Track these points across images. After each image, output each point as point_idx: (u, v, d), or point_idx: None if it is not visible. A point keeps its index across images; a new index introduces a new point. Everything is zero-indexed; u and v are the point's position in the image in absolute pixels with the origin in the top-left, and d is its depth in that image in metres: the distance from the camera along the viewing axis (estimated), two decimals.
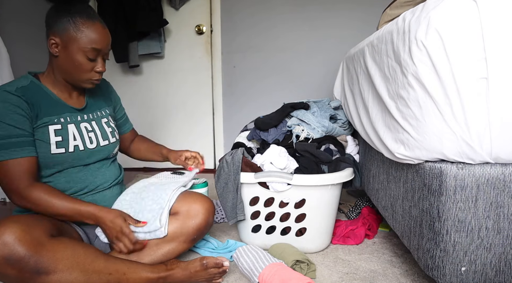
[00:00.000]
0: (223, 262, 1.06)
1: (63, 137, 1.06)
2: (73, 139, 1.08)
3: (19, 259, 0.83)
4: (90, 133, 1.13)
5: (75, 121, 1.10)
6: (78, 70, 1.04)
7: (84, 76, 1.06)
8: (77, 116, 1.12)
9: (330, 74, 2.42)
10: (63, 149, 1.05)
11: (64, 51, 1.02)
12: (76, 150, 1.08)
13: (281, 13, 2.49)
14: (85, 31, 1.01)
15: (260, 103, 2.60)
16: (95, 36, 1.02)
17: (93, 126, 1.15)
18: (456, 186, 0.81)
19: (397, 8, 1.29)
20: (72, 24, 1.00)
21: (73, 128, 1.09)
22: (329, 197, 1.28)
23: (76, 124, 1.10)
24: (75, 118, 1.11)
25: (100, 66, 1.07)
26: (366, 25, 2.22)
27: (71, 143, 1.07)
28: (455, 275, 0.85)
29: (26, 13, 2.19)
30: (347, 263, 1.25)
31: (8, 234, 0.83)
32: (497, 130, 0.75)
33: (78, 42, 1.01)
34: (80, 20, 1.01)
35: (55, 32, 1.01)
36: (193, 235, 1.15)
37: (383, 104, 1.02)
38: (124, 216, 1.07)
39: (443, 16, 0.76)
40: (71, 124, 1.09)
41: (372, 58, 1.13)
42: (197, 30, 2.62)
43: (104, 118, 1.21)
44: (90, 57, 1.03)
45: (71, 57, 1.02)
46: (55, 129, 1.05)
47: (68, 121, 1.09)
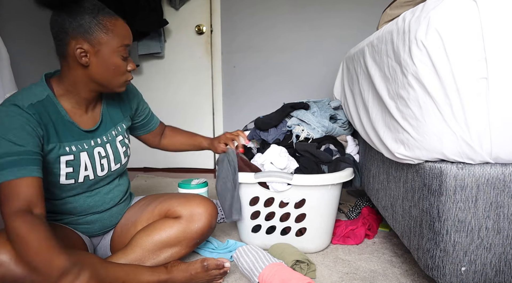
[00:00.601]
0: (224, 263, 1.06)
1: (74, 169, 0.98)
2: (84, 169, 1.00)
3: (15, 279, 0.80)
4: (103, 159, 1.05)
5: (87, 148, 1.02)
6: (115, 74, 0.95)
7: (122, 79, 0.97)
8: (90, 142, 1.02)
9: (330, 74, 2.42)
10: (72, 180, 0.99)
11: (97, 57, 0.91)
12: (85, 180, 1.02)
13: (281, 13, 2.49)
14: (115, 30, 0.92)
15: (260, 103, 2.60)
16: (124, 31, 0.94)
17: (107, 150, 1.07)
18: (456, 186, 0.81)
19: (397, 8, 1.29)
20: (100, 25, 0.90)
21: (85, 157, 1.01)
22: (329, 197, 1.28)
23: (88, 152, 1.02)
24: (88, 145, 1.02)
25: (132, 64, 0.99)
26: (366, 25, 2.22)
27: (81, 174, 1.00)
28: (455, 275, 0.85)
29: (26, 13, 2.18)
30: (347, 263, 1.25)
31: (3, 253, 0.80)
32: (497, 130, 0.75)
33: (111, 43, 0.91)
34: (104, 18, 0.90)
35: (81, 39, 0.89)
36: (196, 239, 1.14)
37: (383, 104, 1.02)
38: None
39: (443, 16, 0.76)
40: (83, 152, 1.00)
41: (372, 58, 1.13)
42: (197, 30, 2.62)
43: (119, 136, 1.12)
44: (124, 56, 0.95)
45: (106, 61, 0.92)
46: (67, 160, 0.96)
47: (80, 149, 1.00)
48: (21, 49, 2.12)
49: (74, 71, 0.94)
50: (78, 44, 0.89)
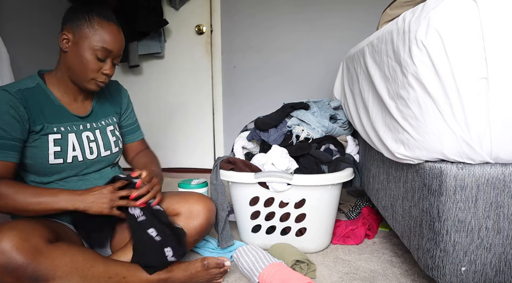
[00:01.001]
0: (224, 262, 1.06)
1: (62, 147, 1.03)
2: (72, 149, 1.05)
3: (17, 267, 0.81)
4: (91, 143, 1.10)
5: (76, 130, 1.08)
6: (84, 68, 1.02)
7: (89, 75, 1.03)
8: (79, 125, 1.09)
9: (330, 74, 2.42)
10: (61, 159, 1.03)
11: (74, 47, 1.01)
12: (74, 161, 1.06)
13: (281, 13, 2.49)
14: (99, 30, 1.00)
15: (260, 103, 2.60)
16: (108, 36, 1.01)
17: (96, 135, 1.12)
18: (456, 186, 0.81)
19: (397, 8, 1.29)
20: (87, 21, 1.00)
21: (73, 137, 1.06)
22: (329, 197, 1.28)
23: (77, 134, 1.08)
24: (77, 127, 1.08)
25: (108, 69, 1.04)
26: (366, 25, 2.22)
27: (69, 154, 1.05)
28: (455, 275, 0.85)
29: (26, 13, 2.18)
30: (347, 263, 1.25)
31: (5, 242, 0.81)
32: (497, 130, 0.75)
33: (89, 39, 1.00)
34: (96, 18, 1.00)
35: (69, 28, 1.01)
36: (195, 236, 1.14)
37: (383, 104, 1.02)
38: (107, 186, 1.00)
39: (443, 16, 0.76)
40: (71, 133, 1.06)
41: (372, 58, 1.13)
42: (197, 30, 2.62)
43: (110, 125, 1.18)
44: (100, 57, 1.01)
45: (80, 53, 1.00)
46: (54, 138, 1.03)
47: (69, 130, 1.06)
48: (21, 49, 2.12)
49: (61, 58, 1.05)
50: (66, 31, 1.01)
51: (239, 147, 1.55)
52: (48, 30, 2.39)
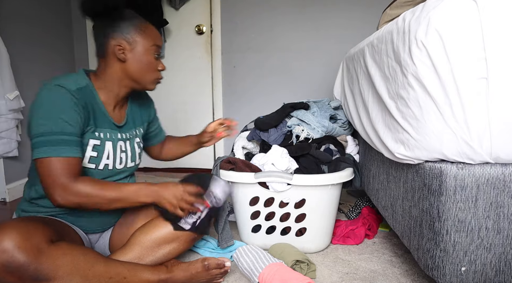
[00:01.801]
0: (224, 262, 1.06)
1: (98, 154, 1.04)
2: (107, 157, 1.07)
3: (18, 266, 0.81)
4: (122, 153, 1.12)
5: (113, 139, 1.09)
6: (148, 70, 1.07)
7: (153, 75, 1.09)
8: (116, 133, 1.11)
9: (330, 74, 2.42)
10: (94, 165, 1.04)
11: (132, 54, 1.04)
12: (105, 169, 1.07)
13: (281, 13, 2.49)
14: (147, 31, 1.06)
15: (260, 103, 2.60)
16: (154, 34, 1.08)
17: (126, 146, 1.14)
18: (456, 186, 0.81)
19: (397, 8, 1.29)
20: (134, 27, 1.04)
21: (110, 146, 1.08)
22: (329, 197, 1.28)
23: (113, 142, 1.09)
24: (114, 136, 1.10)
25: (161, 64, 1.11)
26: (366, 25, 2.22)
27: (103, 161, 1.06)
28: (455, 275, 0.85)
29: (26, 13, 2.19)
30: (347, 263, 1.25)
31: (7, 240, 0.81)
32: (497, 130, 0.75)
33: (144, 43, 1.05)
34: (139, 23, 1.05)
35: (120, 38, 1.03)
36: (194, 234, 1.14)
37: (383, 104, 1.02)
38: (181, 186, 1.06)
39: (443, 16, 0.76)
40: (109, 141, 1.08)
41: (372, 58, 1.13)
42: (197, 30, 2.62)
43: (137, 138, 1.20)
44: (156, 54, 1.08)
45: (140, 58, 1.05)
46: (94, 143, 1.04)
47: (107, 137, 1.07)
48: (21, 49, 2.12)
49: (112, 67, 1.06)
50: (117, 43, 1.03)
51: (239, 147, 1.55)
52: (48, 30, 2.39)
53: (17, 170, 2.10)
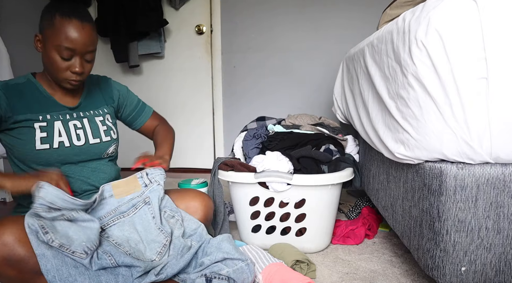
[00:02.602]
0: None
1: (48, 133, 1.04)
2: (58, 135, 1.06)
3: (19, 259, 0.82)
4: (78, 130, 1.10)
5: (62, 119, 1.08)
6: (53, 68, 1.02)
7: (60, 75, 1.03)
8: (65, 114, 1.10)
9: (330, 74, 2.42)
10: (47, 145, 1.03)
11: (43, 47, 1.02)
12: (61, 146, 1.05)
13: (281, 13, 2.49)
14: (59, 29, 0.98)
15: (260, 103, 2.60)
16: (69, 34, 0.98)
17: (83, 123, 1.12)
18: (456, 186, 0.81)
19: (397, 8, 1.29)
20: (50, 20, 0.99)
21: (59, 124, 1.07)
22: (329, 197, 1.28)
23: (63, 122, 1.08)
24: (64, 116, 1.09)
25: (77, 66, 1.02)
26: (366, 25, 2.22)
27: (55, 139, 1.05)
28: (455, 275, 0.85)
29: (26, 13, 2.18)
30: (347, 263, 1.25)
31: (7, 234, 0.83)
32: (497, 130, 0.75)
33: (52, 39, 0.99)
34: (57, 17, 0.98)
35: (40, 29, 1.02)
36: None
37: (383, 104, 1.02)
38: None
39: (443, 16, 0.76)
40: (57, 121, 1.07)
41: (372, 58, 1.13)
42: (197, 30, 2.62)
43: (99, 116, 1.17)
44: (64, 57, 1.00)
45: (47, 54, 1.01)
46: (40, 125, 1.04)
47: (55, 118, 1.07)
48: (21, 49, 2.12)
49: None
50: (38, 33, 1.03)
51: (239, 147, 1.55)
52: None
53: None
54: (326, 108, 2.48)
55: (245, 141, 1.50)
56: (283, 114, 1.96)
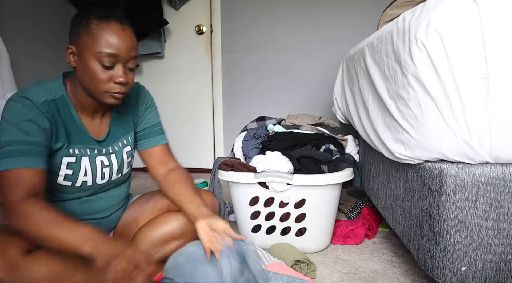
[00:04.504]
0: None
1: (73, 172, 0.96)
2: (84, 174, 0.98)
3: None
4: (104, 168, 1.02)
5: (90, 154, 0.99)
6: (93, 80, 0.88)
7: (101, 87, 0.89)
8: (94, 149, 1.00)
9: (330, 74, 2.42)
10: (70, 182, 0.97)
11: (79, 59, 0.89)
12: (83, 185, 0.99)
13: (281, 13, 2.49)
14: (99, 33, 0.86)
15: (260, 103, 2.60)
16: (111, 38, 0.86)
17: (111, 160, 1.04)
18: (456, 186, 0.81)
19: (397, 8, 1.29)
20: (85, 26, 0.87)
21: (87, 162, 0.98)
22: (329, 197, 1.28)
23: (91, 158, 0.99)
24: (91, 152, 1.00)
25: (121, 76, 0.89)
26: (366, 25, 2.22)
27: (80, 179, 0.98)
28: (455, 275, 0.85)
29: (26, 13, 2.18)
30: (347, 263, 1.25)
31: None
32: (497, 130, 0.75)
33: (90, 47, 0.86)
34: (94, 21, 0.86)
35: (72, 39, 0.90)
36: None
37: (383, 104, 1.02)
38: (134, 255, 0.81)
39: (443, 16, 0.76)
40: (85, 157, 0.98)
41: (372, 58, 1.13)
42: (197, 30, 2.62)
43: (127, 146, 1.09)
44: (106, 64, 0.87)
45: (85, 65, 0.88)
46: (68, 161, 0.95)
47: (83, 153, 0.98)
48: (21, 49, 2.12)
49: (74, 72, 0.95)
50: (70, 44, 0.90)
51: (239, 147, 1.55)
52: (48, 30, 2.39)
53: None
54: (326, 108, 2.48)
55: (245, 141, 1.50)
56: (283, 114, 1.96)
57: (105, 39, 0.86)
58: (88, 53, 0.87)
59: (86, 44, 0.87)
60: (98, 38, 0.86)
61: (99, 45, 0.86)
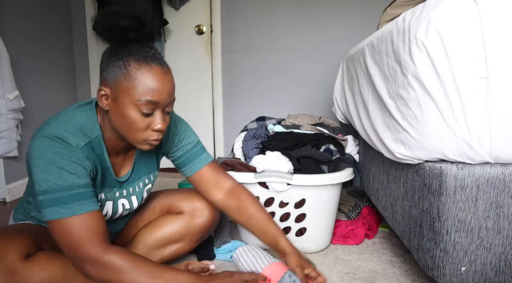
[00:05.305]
0: (208, 266, 1.04)
1: None
2: (105, 215, 0.96)
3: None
4: (125, 211, 1.02)
5: (114, 197, 0.97)
6: (131, 128, 0.82)
7: (139, 136, 0.83)
8: (116, 192, 0.97)
9: (330, 74, 2.42)
10: None
11: (114, 104, 0.81)
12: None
13: (282, 13, 2.49)
14: (139, 78, 0.78)
15: (260, 103, 2.60)
16: (152, 84, 0.78)
17: (131, 202, 1.02)
18: (456, 186, 0.81)
19: (397, 8, 1.29)
20: (122, 69, 0.78)
21: (109, 206, 0.96)
22: (329, 197, 1.28)
23: (114, 202, 0.97)
24: (114, 194, 0.97)
25: (159, 123, 0.82)
26: (366, 25, 2.22)
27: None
28: (455, 275, 0.85)
29: (26, 13, 2.18)
30: (347, 263, 1.25)
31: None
32: (497, 130, 0.75)
33: (129, 93, 0.78)
34: (133, 63, 0.78)
35: (105, 80, 0.81)
36: (200, 234, 1.13)
37: (383, 104, 1.02)
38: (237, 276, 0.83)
39: (443, 16, 0.76)
40: (109, 201, 0.96)
41: (372, 58, 1.13)
42: (197, 30, 2.62)
43: (149, 184, 1.06)
44: (145, 112, 0.80)
45: (121, 112, 0.81)
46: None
47: (108, 197, 0.96)
48: (21, 49, 2.12)
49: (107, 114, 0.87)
50: (103, 86, 0.83)
51: (239, 147, 1.55)
52: (48, 30, 2.39)
53: (17, 170, 2.10)
54: (326, 108, 2.48)
55: (245, 141, 1.50)
56: (283, 114, 1.96)
57: (146, 86, 0.78)
58: (126, 100, 0.79)
59: (124, 90, 0.79)
60: (139, 84, 0.78)
61: (139, 92, 0.78)
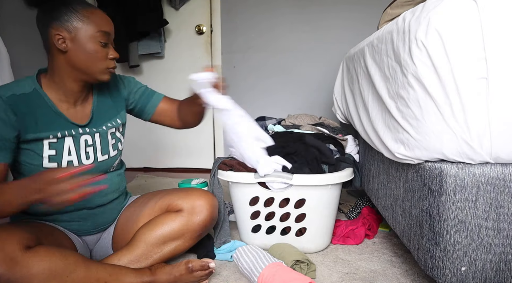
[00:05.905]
0: (208, 263, 1.05)
1: (57, 151, 1.01)
2: (68, 153, 1.02)
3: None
4: (88, 147, 1.07)
5: (73, 134, 1.04)
6: (94, 59, 0.99)
7: (101, 65, 1.01)
8: (78, 129, 1.05)
9: (330, 74, 2.42)
10: (55, 163, 1.01)
11: (74, 43, 0.98)
12: (69, 165, 1.02)
13: (282, 13, 2.49)
14: (91, 17, 0.98)
15: (260, 103, 2.60)
16: (101, 20, 1.00)
17: (95, 139, 1.09)
18: (456, 186, 0.81)
19: (397, 8, 1.29)
20: (76, 13, 0.97)
21: (70, 141, 1.03)
22: (329, 197, 1.28)
23: (74, 138, 1.04)
24: (75, 131, 1.05)
25: (113, 52, 1.03)
26: (366, 25, 2.22)
27: (64, 158, 1.02)
28: (455, 275, 0.85)
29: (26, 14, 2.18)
30: (347, 263, 1.25)
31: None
32: (497, 130, 0.75)
33: (87, 30, 0.97)
34: (81, 8, 0.98)
35: (59, 27, 0.97)
36: (199, 231, 1.14)
37: (383, 104, 1.02)
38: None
39: (443, 16, 0.76)
40: (69, 137, 1.03)
41: (372, 58, 1.13)
42: (197, 30, 2.62)
43: (111, 128, 1.14)
44: (102, 41, 0.99)
45: (83, 47, 0.98)
46: (50, 142, 1.00)
47: (66, 134, 1.03)
48: (21, 49, 2.12)
49: (57, 60, 1.00)
50: (57, 31, 0.97)
51: None
52: None
53: None
54: (326, 108, 2.48)
55: None
56: (283, 114, 1.96)
57: (98, 21, 0.99)
58: (86, 35, 0.97)
59: (81, 28, 0.97)
60: (92, 21, 0.98)
61: (94, 26, 0.98)
